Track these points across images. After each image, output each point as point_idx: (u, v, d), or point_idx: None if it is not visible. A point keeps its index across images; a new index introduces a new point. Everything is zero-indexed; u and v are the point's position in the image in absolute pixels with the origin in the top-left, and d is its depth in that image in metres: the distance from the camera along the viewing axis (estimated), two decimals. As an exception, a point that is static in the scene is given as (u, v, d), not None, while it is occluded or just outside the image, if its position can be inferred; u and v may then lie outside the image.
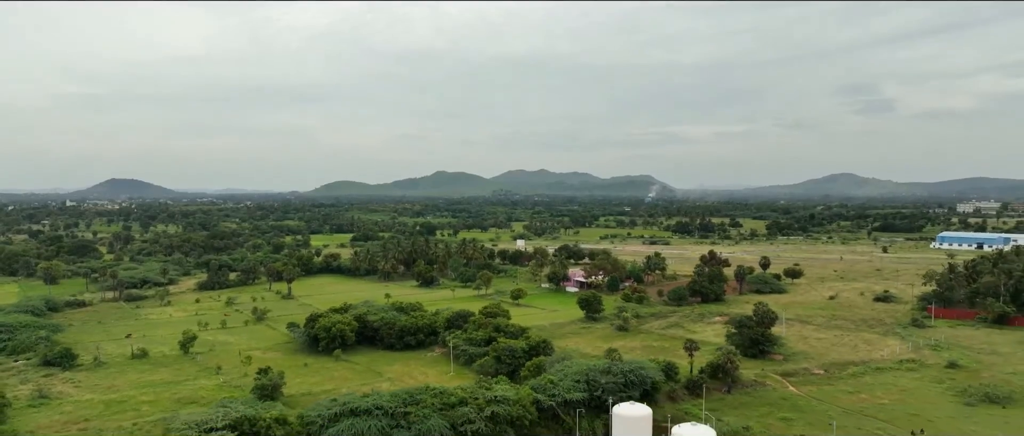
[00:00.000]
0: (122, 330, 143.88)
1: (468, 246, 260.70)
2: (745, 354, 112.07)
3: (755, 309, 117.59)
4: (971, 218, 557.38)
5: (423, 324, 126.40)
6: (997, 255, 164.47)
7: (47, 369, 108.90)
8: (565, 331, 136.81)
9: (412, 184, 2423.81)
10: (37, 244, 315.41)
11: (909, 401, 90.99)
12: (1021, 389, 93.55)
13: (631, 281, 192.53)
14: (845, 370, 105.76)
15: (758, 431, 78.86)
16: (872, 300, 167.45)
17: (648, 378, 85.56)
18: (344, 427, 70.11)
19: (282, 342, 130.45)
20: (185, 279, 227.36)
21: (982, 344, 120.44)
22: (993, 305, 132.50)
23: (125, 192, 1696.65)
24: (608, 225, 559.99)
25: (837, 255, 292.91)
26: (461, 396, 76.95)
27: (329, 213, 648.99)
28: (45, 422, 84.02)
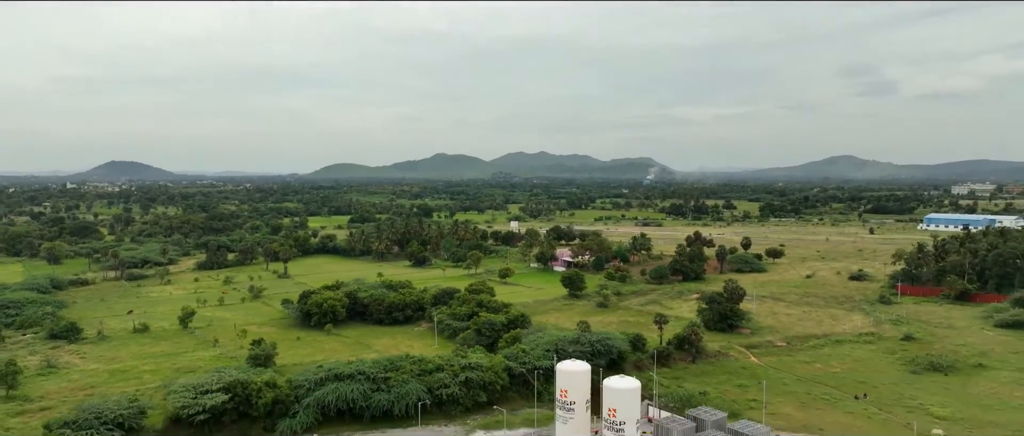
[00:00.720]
0: (124, 307, 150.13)
1: (460, 227, 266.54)
2: (714, 328, 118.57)
3: (725, 286, 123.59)
4: (963, 200, 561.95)
5: (411, 300, 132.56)
6: (965, 235, 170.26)
7: (53, 342, 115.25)
8: (548, 307, 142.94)
9: (412, 166, 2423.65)
10: (40, 225, 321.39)
11: (860, 370, 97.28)
12: (966, 359, 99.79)
13: (616, 261, 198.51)
14: (806, 343, 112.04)
15: (714, 396, 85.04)
16: (847, 279, 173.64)
17: (615, 348, 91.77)
18: (329, 390, 76.37)
19: (277, 318, 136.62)
20: (184, 259, 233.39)
21: (940, 319, 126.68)
22: (955, 282, 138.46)
23: (125, 174, 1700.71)
24: (604, 207, 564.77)
25: (823, 236, 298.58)
26: (438, 363, 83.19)
27: (328, 195, 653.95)
28: (53, 389, 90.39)
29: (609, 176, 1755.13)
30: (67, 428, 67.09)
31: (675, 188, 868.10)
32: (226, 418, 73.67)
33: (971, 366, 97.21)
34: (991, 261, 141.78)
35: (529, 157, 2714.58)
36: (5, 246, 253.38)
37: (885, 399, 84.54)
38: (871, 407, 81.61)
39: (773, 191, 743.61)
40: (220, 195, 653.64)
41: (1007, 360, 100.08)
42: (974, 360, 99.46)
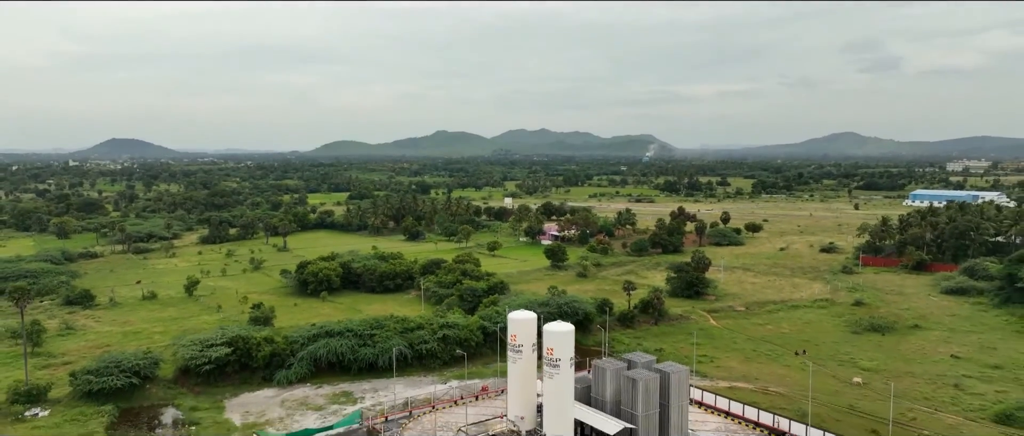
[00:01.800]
0: (132, 277, 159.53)
1: (454, 203, 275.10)
2: (681, 295, 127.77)
3: (693, 256, 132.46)
4: (953, 177, 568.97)
5: (401, 270, 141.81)
6: (927, 210, 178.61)
7: (69, 308, 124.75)
8: (531, 277, 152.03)
9: (412, 143, 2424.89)
10: (46, 202, 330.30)
11: (807, 331, 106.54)
12: (905, 320, 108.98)
13: (602, 235, 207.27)
14: (764, 308, 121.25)
15: (668, 352, 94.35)
16: (818, 251, 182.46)
17: (581, 310, 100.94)
18: (320, 345, 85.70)
19: (276, 287, 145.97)
20: (188, 234, 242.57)
21: (894, 286, 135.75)
22: (913, 253, 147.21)
23: (126, 151, 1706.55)
24: (600, 184, 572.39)
25: (808, 212, 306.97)
26: (419, 322, 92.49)
27: (328, 172, 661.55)
28: (73, 347, 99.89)
29: (609, 153, 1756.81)
30: (91, 375, 76.52)
31: (672, 165, 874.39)
32: (229, 369, 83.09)
33: (908, 327, 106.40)
34: (948, 234, 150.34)
35: (530, 134, 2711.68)
36: (15, 222, 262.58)
37: (822, 355, 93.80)
38: (807, 362, 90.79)
39: (769, 168, 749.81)
40: (221, 172, 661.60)
41: (942, 322, 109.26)
42: (912, 322, 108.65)
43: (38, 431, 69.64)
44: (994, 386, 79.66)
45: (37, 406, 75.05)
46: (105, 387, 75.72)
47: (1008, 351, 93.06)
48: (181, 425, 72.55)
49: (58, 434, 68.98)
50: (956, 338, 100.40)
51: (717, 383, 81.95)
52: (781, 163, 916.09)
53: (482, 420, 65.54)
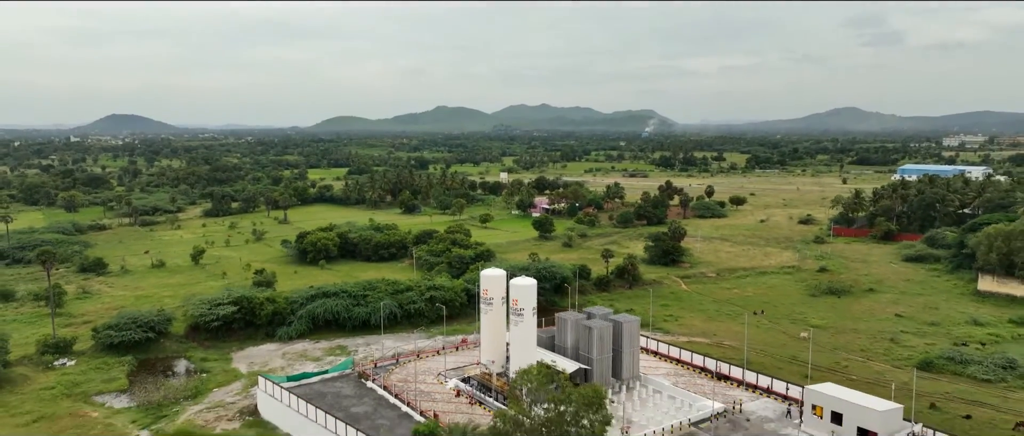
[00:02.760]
0: (140, 247, 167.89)
1: (449, 178, 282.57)
2: (658, 262, 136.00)
3: (670, 227, 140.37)
4: (947, 152, 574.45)
5: (395, 240, 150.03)
6: (899, 183, 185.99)
7: (84, 275, 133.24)
8: (518, 247, 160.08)
9: (412, 119, 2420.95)
10: (52, 177, 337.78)
11: (769, 294, 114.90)
12: (860, 285, 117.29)
13: (591, 207, 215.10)
14: (734, 274, 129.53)
15: (638, 311, 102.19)
16: (796, 223, 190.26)
17: (559, 274, 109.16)
18: (318, 304, 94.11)
19: (277, 256, 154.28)
20: (191, 208, 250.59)
21: (859, 255, 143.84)
22: (882, 224, 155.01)
23: (126, 127, 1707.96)
24: (598, 160, 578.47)
25: (796, 186, 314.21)
26: (408, 285, 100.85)
27: (328, 148, 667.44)
28: (90, 308, 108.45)
29: (610, 129, 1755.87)
30: (111, 330, 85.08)
31: (671, 141, 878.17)
32: (235, 326, 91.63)
33: (863, 290, 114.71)
34: (916, 205, 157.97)
35: (531, 109, 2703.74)
36: (24, 196, 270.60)
37: (778, 314, 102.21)
38: (764, 320, 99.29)
39: (766, 143, 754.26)
40: (222, 148, 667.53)
41: (896, 286, 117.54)
42: (868, 285, 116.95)
43: (67, 376, 78.31)
44: (926, 340, 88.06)
45: (65, 357, 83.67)
46: (124, 340, 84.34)
47: (948, 310, 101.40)
48: (193, 373, 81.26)
49: (86, 380, 77.66)
50: (905, 300, 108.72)
51: (677, 338, 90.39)
52: (780, 138, 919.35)
53: (460, 366, 73.98)
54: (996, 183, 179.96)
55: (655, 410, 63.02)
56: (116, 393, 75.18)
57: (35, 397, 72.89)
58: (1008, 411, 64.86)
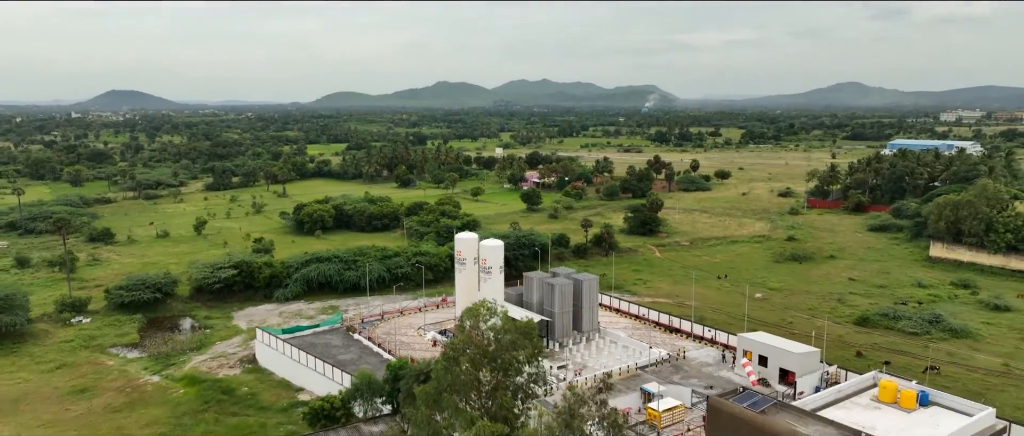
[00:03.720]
0: (144, 219, 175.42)
1: (443, 152, 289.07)
2: (636, 232, 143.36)
3: (648, 199, 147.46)
4: (940, 127, 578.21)
5: (388, 211, 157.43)
6: (873, 156, 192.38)
7: (93, 244, 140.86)
8: (507, 218, 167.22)
9: (413, 94, 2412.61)
10: (56, 152, 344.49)
11: (736, 261, 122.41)
12: (823, 252, 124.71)
13: (580, 181, 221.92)
14: (707, 242, 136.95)
15: (612, 277, 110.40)
16: (776, 195, 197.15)
17: (537, 242, 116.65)
18: (312, 268, 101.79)
19: (275, 227, 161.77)
20: (193, 182, 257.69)
21: (829, 225, 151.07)
22: (853, 196, 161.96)
23: (126, 103, 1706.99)
24: (595, 135, 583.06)
25: (785, 160, 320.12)
26: (396, 251, 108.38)
27: (327, 124, 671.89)
28: (101, 274, 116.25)
29: (611, 104, 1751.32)
30: (122, 290, 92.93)
31: (669, 116, 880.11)
32: (235, 288, 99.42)
33: (825, 257, 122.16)
34: (887, 178, 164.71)
35: (531, 84, 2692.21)
36: (29, 171, 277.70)
37: (741, 278, 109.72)
38: (726, 284, 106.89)
39: (764, 119, 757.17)
40: (223, 124, 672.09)
41: (856, 253, 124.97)
42: (830, 253, 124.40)
43: (84, 331, 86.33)
44: (870, 300, 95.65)
45: (81, 315, 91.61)
46: (134, 300, 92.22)
47: (898, 275, 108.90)
48: (197, 329, 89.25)
49: (100, 335, 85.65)
50: (861, 265, 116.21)
51: (642, 298, 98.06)
52: (779, 114, 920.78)
53: (438, 321, 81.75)
54: (966, 157, 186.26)
55: (609, 357, 70.79)
56: (128, 346, 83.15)
57: (56, 349, 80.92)
58: (923, 358, 72.55)
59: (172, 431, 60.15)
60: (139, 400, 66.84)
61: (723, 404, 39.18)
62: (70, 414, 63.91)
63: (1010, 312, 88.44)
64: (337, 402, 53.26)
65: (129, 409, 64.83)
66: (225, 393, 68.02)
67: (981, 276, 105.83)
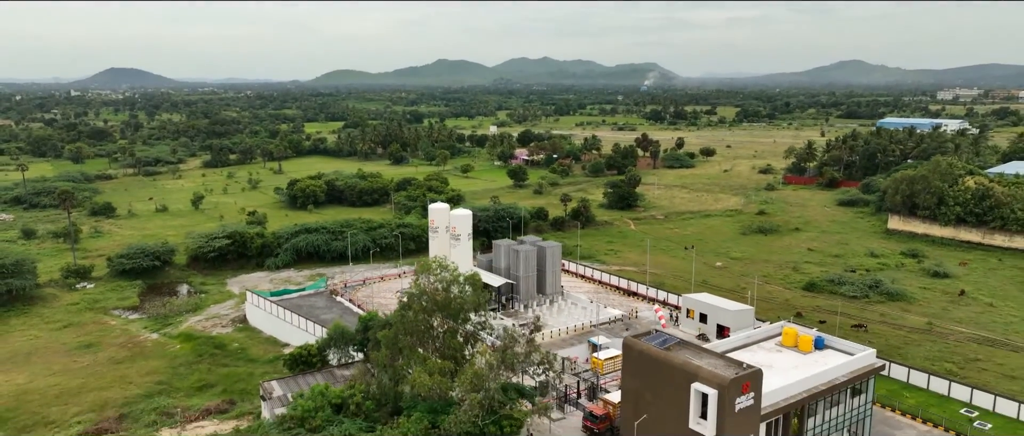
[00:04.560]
0: (144, 195, 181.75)
1: (436, 130, 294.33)
2: (615, 206, 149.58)
3: (626, 175, 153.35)
4: (933, 105, 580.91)
5: (378, 187, 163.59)
6: (849, 135, 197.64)
7: (95, 218, 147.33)
8: (494, 193, 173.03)
9: (413, 72, 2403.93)
10: (56, 130, 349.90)
11: (706, 233, 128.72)
12: (789, 225, 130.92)
13: (568, 158, 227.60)
14: (681, 216, 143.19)
15: (584, 246, 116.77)
16: (757, 172, 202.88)
17: (517, 215, 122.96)
18: (301, 239, 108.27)
19: (270, 202, 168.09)
20: (192, 159, 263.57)
21: (800, 200, 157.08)
22: (827, 172, 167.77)
23: (126, 81, 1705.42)
24: (591, 113, 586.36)
25: (773, 138, 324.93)
26: (380, 223, 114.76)
27: (326, 102, 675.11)
28: (103, 245, 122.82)
29: (611, 82, 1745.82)
30: (123, 258, 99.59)
31: (668, 94, 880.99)
32: (229, 256, 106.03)
33: (791, 230, 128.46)
34: (861, 155, 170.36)
35: (532, 63, 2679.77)
36: (31, 148, 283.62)
37: (707, 249, 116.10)
38: (692, 254, 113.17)
39: (762, 97, 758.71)
40: (222, 102, 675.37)
41: (821, 226, 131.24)
42: (795, 225, 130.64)
43: (89, 295, 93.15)
44: (823, 268, 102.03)
45: (85, 281, 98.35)
46: (134, 267, 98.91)
47: (855, 246, 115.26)
48: (193, 293, 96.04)
49: (103, 298, 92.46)
50: (822, 237, 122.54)
51: (610, 266, 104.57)
52: (777, 92, 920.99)
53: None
54: (938, 134, 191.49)
55: (568, 316, 77.45)
56: (129, 309, 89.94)
57: (64, 310, 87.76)
58: (855, 317, 79.18)
59: (169, 379, 67.03)
60: (139, 354, 73.72)
61: (635, 343, 45.69)
62: (77, 365, 70.83)
63: (948, 278, 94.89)
64: (313, 350, 59.99)
65: (130, 361, 71.71)
66: (217, 348, 74.89)
67: (932, 247, 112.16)
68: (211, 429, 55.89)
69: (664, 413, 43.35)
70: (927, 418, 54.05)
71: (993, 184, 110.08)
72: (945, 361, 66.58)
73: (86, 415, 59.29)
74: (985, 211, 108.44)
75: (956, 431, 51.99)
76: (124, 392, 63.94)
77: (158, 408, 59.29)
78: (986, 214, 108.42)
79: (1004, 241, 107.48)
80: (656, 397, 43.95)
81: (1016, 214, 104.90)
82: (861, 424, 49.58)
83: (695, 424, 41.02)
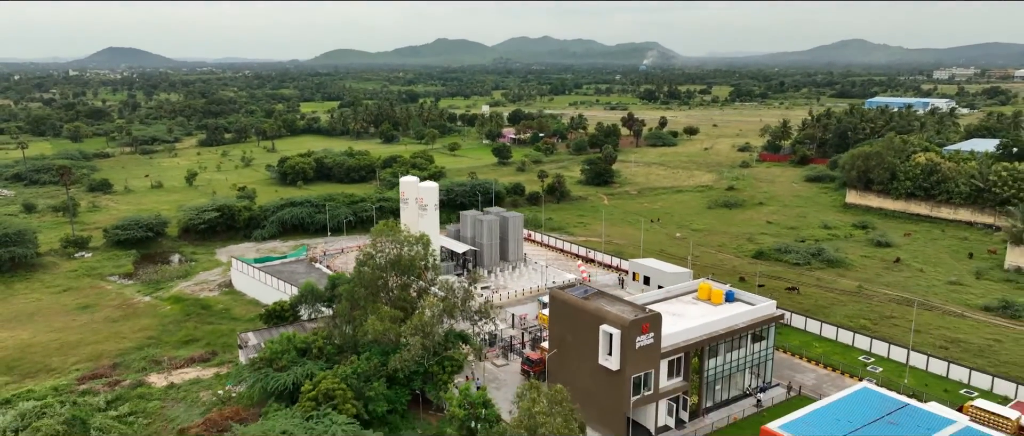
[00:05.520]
0: (140, 172, 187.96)
1: (426, 110, 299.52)
2: (591, 183, 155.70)
3: (603, 153, 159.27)
4: (926, 84, 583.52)
5: (365, 164, 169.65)
6: (824, 112, 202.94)
7: (93, 193, 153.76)
8: (478, 170, 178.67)
9: (413, 52, 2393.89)
10: (55, 110, 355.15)
11: (675, 207, 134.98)
12: (754, 200, 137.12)
13: (554, 137, 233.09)
14: (654, 192, 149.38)
15: (556, 219, 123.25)
16: (737, 150, 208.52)
17: (493, 189, 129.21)
18: (286, 212, 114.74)
19: (261, 179, 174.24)
20: (188, 138, 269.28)
21: (771, 177, 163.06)
22: (799, 150, 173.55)
23: (124, 60, 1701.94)
24: (587, 93, 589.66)
25: (760, 117, 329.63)
26: (362, 196, 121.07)
27: (323, 82, 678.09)
28: (100, 218, 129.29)
29: (611, 62, 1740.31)
30: (119, 229, 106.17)
31: (666, 74, 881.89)
32: (218, 228, 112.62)
33: (755, 204, 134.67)
34: (833, 132, 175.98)
35: (532, 42, 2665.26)
36: (30, 127, 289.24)
37: (672, 222, 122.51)
38: (657, 226, 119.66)
39: (758, 76, 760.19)
40: (219, 82, 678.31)
41: (784, 200, 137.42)
42: (760, 200, 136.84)
43: (86, 263, 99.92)
44: (776, 238, 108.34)
45: (83, 251, 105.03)
46: (129, 238, 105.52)
47: (812, 218, 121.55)
48: (184, 262, 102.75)
49: (100, 266, 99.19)
50: (784, 211, 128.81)
51: (577, 237, 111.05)
52: (776, 71, 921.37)
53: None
54: (909, 113, 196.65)
55: (527, 280, 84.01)
56: (124, 275, 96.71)
57: (63, 276, 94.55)
58: (792, 281, 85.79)
59: (159, 334, 73.87)
60: (132, 314, 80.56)
61: (559, 293, 52.22)
62: (76, 323, 77.68)
63: (889, 247, 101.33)
64: (287, 306, 66.69)
65: (124, 320, 78.55)
66: (204, 308, 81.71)
67: (883, 219, 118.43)
68: (194, 374, 62.79)
69: (581, 352, 50.03)
70: (828, 364, 60.84)
71: (941, 160, 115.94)
72: (862, 318, 73.20)
73: (83, 364, 66.18)
74: (933, 185, 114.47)
75: (850, 373, 58.77)
76: (118, 345, 70.79)
77: (148, 357, 66.18)
78: (933, 188, 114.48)
79: (949, 213, 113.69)
80: (575, 338, 50.62)
81: (960, 188, 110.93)
82: (763, 366, 56.32)
83: (603, 360, 47.70)
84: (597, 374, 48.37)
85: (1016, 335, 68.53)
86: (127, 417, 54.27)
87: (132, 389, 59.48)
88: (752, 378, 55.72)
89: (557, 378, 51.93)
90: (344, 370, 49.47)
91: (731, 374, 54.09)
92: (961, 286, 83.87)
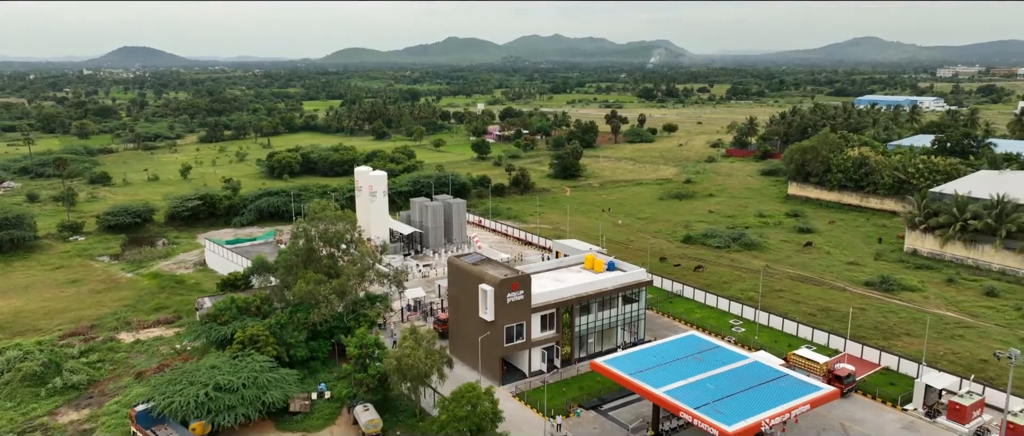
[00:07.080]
0: (141, 166, 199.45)
1: (417, 108, 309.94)
2: (559, 176, 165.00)
3: (570, 148, 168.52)
4: (923, 82, 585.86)
5: (348, 158, 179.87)
6: (789, 111, 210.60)
7: (93, 185, 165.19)
8: (457, 165, 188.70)
9: (423, 51, 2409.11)
10: (66, 108, 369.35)
11: (630, 199, 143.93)
12: (705, 191, 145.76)
13: (536, 134, 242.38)
14: (615, 185, 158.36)
15: (515, 209, 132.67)
16: (709, 146, 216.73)
17: (460, 181, 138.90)
18: (263, 200, 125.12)
19: (252, 173, 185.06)
20: (190, 135, 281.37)
21: (730, 171, 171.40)
22: (761, 146, 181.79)
23: (138, 59, 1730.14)
24: (587, 91, 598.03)
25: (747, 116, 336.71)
26: (335, 188, 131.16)
27: (330, 80, 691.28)
28: (97, 207, 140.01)
29: (620, 60, 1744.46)
30: (109, 216, 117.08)
31: (672, 72, 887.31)
32: (201, 215, 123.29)
33: (705, 195, 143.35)
34: (794, 129, 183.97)
35: (543, 40, 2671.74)
36: (41, 125, 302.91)
37: (622, 211, 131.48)
38: (607, 215, 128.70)
39: (761, 75, 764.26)
40: (228, 81, 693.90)
41: (734, 192, 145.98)
42: (710, 192, 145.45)
43: (79, 246, 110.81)
44: (711, 225, 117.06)
45: (77, 234, 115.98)
46: (119, 223, 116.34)
47: (752, 208, 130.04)
48: (167, 245, 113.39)
49: (91, 248, 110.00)
50: (730, 201, 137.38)
51: (528, 224, 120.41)
52: (783, 70, 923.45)
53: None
54: (874, 111, 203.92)
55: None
56: (112, 256, 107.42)
57: (57, 256, 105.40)
58: (706, 261, 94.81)
59: (134, 303, 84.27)
60: (114, 287, 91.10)
61: (454, 260, 61.79)
62: (64, 294, 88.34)
63: (810, 233, 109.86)
64: (240, 276, 76.76)
65: (106, 292, 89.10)
66: (177, 283, 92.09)
67: (817, 209, 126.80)
68: (158, 333, 73.07)
69: (470, 308, 59.63)
70: (702, 326, 69.99)
71: (871, 154, 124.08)
72: (752, 292, 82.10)
73: (66, 325, 76.65)
74: (862, 177, 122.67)
75: (716, 333, 67.91)
76: (98, 311, 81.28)
77: (120, 319, 76.55)
78: (862, 180, 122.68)
79: (876, 203, 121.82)
80: (465, 298, 60.23)
81: (885, 179, 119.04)
82: (637, 324, 65.59)
83: (482, 313, 57.25)
84: (480, 325, 57.91)
85: (879, 305, 77.19)
86: (96, 364, 64.54)
87: (103, 343, 69.80)
88: (626, 334, 64.99)
89: (455, 331, 61.61)
90: (270, 322, 59.41)
91: (604, 330, 63.41)
92: (857, 266, 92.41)
